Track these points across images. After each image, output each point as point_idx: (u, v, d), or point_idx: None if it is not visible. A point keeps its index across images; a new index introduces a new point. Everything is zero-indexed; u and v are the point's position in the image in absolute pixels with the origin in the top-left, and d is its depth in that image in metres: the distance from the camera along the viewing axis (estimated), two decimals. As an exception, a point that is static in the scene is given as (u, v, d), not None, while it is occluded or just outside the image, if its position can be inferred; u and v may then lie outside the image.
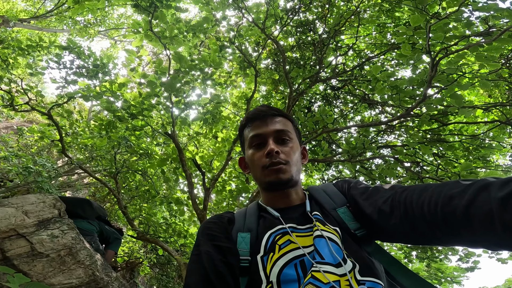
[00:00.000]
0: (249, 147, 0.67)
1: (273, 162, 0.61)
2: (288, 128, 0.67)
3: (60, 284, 1.89)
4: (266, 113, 0.67)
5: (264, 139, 0.65)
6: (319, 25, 3.69)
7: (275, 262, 0.52)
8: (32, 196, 2.29)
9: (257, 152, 0.65)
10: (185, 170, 3.18)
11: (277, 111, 0.69)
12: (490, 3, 1.48)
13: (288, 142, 0.65)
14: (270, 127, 0.65)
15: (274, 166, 0.61)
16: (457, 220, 0.42)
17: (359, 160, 3.09)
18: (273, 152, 0.61)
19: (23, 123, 8.63)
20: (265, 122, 0.66)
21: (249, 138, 0.67)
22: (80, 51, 3.18)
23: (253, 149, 0.66)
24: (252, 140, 0.67)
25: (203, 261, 0.54)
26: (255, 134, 0.66)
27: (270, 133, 0.65)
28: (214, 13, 3.41)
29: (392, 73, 2.88)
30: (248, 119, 0.70)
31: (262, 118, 0.67)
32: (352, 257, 0.51)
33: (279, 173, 0.61)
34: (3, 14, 7.81)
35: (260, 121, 0.67)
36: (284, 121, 0.68)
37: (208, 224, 0.64)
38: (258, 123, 0.67)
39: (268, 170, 0.62)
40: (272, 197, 0.66)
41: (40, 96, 3.59)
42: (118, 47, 11.13)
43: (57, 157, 6.12)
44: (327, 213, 0.62)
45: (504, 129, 3.04)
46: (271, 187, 0.63)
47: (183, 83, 3.18)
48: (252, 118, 0.69)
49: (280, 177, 0.61)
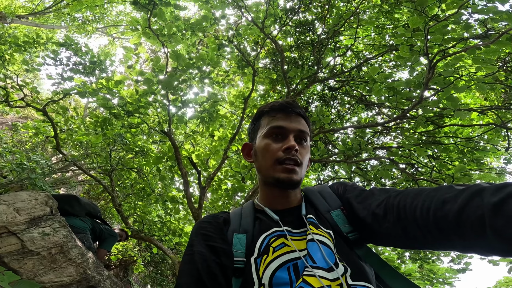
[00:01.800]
0: (266, 136, 0.65)
1: (289, 158, 0.60)
2: (307, 131, 0.66)
3: (50, 282, 1.87)
4: (292, 109, 0.65)
5: (285, 134, 0.63)
6: (318, 25, 3.69)
7: (268, 264, 0.52)
8: (24, 193, 2.25)
9: (273, 143, 0.63)
10: (181, 168, 3.16)
11: (302, 111, 0.68)
12: (489, 5, 1.48)
13: (306, 144, 0.65)
14: (293, 124, 0.64)
15: (289, 163, 0.60)
16: (449, 225, 0.41)
17: (355, 161, 3.09)
18: (293, 148, 0.60)
19: (17, 119, 8.53)
20: (289, 117, 0.64)
21: (268, 127, 0.65)
22: (78, 48, 3.15)
23: (270, 139, 0.64)
24: (271, 130, 0.64)
25: (196, 261, 0.54)
26: (277, 126, 0.64)
27: (292, 129, 0.63)
28: (213, 11, 3.39)
29: (389, 75, 2.89)
30: (272, 108, 0.67)
31: (287, 112, 0.65)
32: (344, 261, 0.51)
33: (292, 173, 0.60)
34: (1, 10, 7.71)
35: (285, 114, 0.65)
36: (305, 123, 0.67)
37: (202, 223, 0.63)
38: (282, 116, 0.65)
39: (281, 166, 0.60)
40: (272, 196, 0.65)
41: (35, 92, 3.54)
42: (116, 44, 11.04)
43: (52, 154, 6.05)
44: (321, 215, 0.61)
45: (498, 132, 3.07)
46: (278, 184, 0.61)
47: (180, 81, 3.15)
48: (277, 109, 0.66)
49: (292, 178, 0.60)
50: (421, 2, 1.68)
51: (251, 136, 0.72)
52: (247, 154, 0.71)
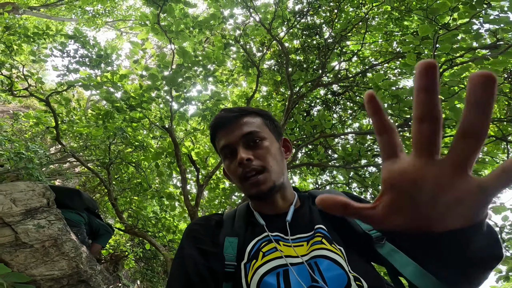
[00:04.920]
0: (224, 158, 0.63)
1: (246, 171, 0.57)
2: (257, 128, 0.61)
3: (41, 275, 1.84)
4: (227, 119, 0.62)
5: (234, 148, 0.60)
6: (326, 29, 3.69)
7: (256, 269, 0.51)
8: (22, 184, 2.23)
9: (231, 162, 0.61)
10: (180, 165, 3.13)
11: (240, 110, 0.63)
12: (502, 15, 1.47)
13: (261, 143, 0.60)
14: (236, 133, 0.60)
15: (250, 177, 0.57)
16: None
17: (354, 167, 3.08)
18: (243, 161, 0.57)
19: (19, 109, 8.51)
20: (230, 129, 0.61)
21: (219, 150, 0.64)
22: (86, 40, 3.15)
23: (227, 161, 0.62)
24: (222, 152, 0.63)
25: (186, 265, 0.54)
26: (223, 146, 0.61)
27: (237, 140, 0.59)
28: (222, 10, 3.39)
29: (394, 82, 2.88)
30: (213, 128, 0.64)
31: (224, 126, 0.62)
32: (359, 275, 0.49)
33: (259, 185, 0.57)
34: (13, 1, 7.74)
35: (224, 129, 0.62)
36: (251, 119, 0.62)
37: (194, 226, 0.63)
38: (223, 132, 0.62)
39: (246, 182, 0.58)
40: (259, 204, 0.64)
41: (40, 83, 3.53)
42: (124, 38, 11.07)
43: (51, 144, 6.03)
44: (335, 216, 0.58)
45: (498, 145, 3.05)
46: (255, 198, 0.61)
47: (184, 78, 3.15)
48: (216, 127, 0.63)
49: (261, 189, 0.57)
50: (433, 11, 1.67)
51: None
52: (228, 177, 0.68)
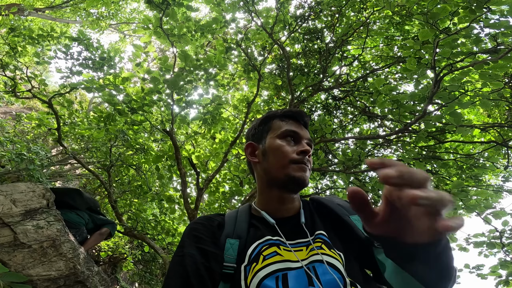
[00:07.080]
0: (280, 138, 0.66)
1: (303, 161, 0.63)
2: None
3: (38, 276, 1.83)
4: (302, 117, 0.70)
5: (298, 139, 0.66)
6: (327, 34, 3.72)
7: (256, 272, 0.51)
8: (22, 184, 2.23)
9: (287, 145, 0.65)
10: (180, 168, 3.13)
11: (308, 118, 0.73)
12: (502, 20, 1.48)
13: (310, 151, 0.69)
14: (305, 131, 0.68)
15: (304, 165, 0.63)
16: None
17: (354, 172, 3.07)
18: (308, 153, 0.63)
19: (22, 110, 8.56)
20: (300, 125, 0.69)
21: (283, 130, 0.67)
22: (89, 43, 3.19)
23: (284, 141, 0.66)
24: (286, 133, 0.66)
25: (186, 263, 0.54)
26: (292, 130, 0.67)
27: (304, 137, 0.67)
28: (224, 14, 3.44)
29: (394, 87, 2.89)
30: (285, 114, 0.70)
31: (300, 120, 0.69)
32: (356, 280, 0.51)
33: (305, 172, 0.62)
34: (19, 3, 7.86)
35: (297, 122, 0.69)
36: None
37: (195, 224, 0.63)
38: (294, 123, 0.68)
39: (297, 165, 0.62)
40: (272, 200, 0.65)
41: (43, 84, 3.57)
42: (127, 41, 11.20)
43: (52, 145, 6.05)
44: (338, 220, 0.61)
45: (499, 150, 3.04)
46: (290, 183, 0.62)
47: (186, 82, 3.17)
48: (290, 115, 0.70)
49: (305, 177, 0.62)
50: (433, 15, 1.68)
51: (257, 137, 0.71)
52: (251, 153, 0.71)
